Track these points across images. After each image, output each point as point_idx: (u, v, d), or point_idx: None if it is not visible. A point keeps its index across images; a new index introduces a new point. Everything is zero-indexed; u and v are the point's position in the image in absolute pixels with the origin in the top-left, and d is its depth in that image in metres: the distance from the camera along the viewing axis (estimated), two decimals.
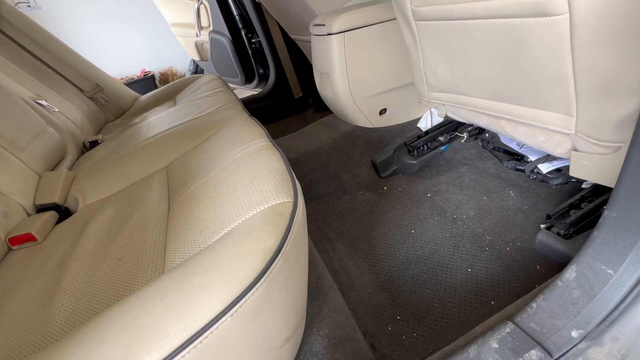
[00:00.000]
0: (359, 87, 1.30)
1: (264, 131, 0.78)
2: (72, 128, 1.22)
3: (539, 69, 0.67)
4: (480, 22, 0.72)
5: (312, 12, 1.43)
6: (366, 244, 1.01)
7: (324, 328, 0.66)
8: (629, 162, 0.49)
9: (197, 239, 0.50)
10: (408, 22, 0.93)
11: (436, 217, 1.02)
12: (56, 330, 0.44)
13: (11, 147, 0.86)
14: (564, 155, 0.76)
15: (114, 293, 0.48)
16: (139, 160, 0.91)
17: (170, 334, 0.35)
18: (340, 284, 0.90)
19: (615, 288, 0.51)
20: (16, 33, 1.32)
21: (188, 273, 0.42)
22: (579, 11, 0.54)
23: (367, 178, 1.28)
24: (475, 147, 1.22)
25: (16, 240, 0.69)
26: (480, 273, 0.83)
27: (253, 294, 0.40)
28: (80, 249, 0.60)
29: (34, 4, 3.03)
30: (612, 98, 0.59)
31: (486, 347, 0.55)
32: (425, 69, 1.00)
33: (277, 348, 0.49)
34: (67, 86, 1.40)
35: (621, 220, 0.52)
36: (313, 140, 1.42)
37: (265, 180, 0.56)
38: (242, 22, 2.10)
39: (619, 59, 0.54)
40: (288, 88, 2.19)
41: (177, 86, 1.73)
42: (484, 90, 0.85)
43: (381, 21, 1.23)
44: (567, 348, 0.52)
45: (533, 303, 0.58)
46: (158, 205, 0.66)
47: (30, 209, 0.81)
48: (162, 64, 3.66)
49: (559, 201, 0.92)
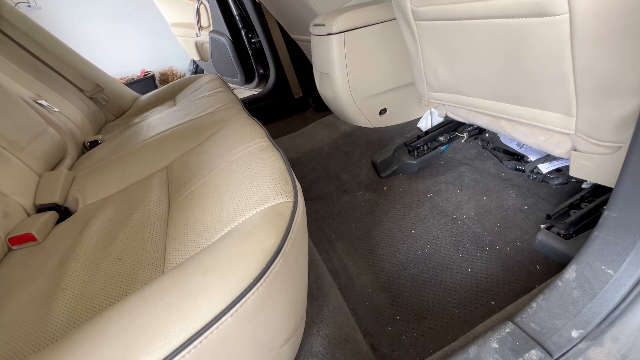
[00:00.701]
0: (359, 87, 1.30)
1: (264, 131, 0.78)
2: (72, 128, 1.22)
3: (539, 69, 0.67)
4: (480, 22, 0.72)
5: (313, 11, 1.43)
6: (366, 244, 1.01)
7: (324, 328, 0.66)
8: (629, 162, 0.49)
9: (197, 239, 0.50)
10: (408, 22, 0.93)
11: (436, 217, 1.02)
12: (56, 330, 0.44)
13: (11, 147, 0.86)
14: (564, 155, 0.76)
15: (114, 293, 0.48)
16: (139, 160, 0.91)
17: (170, 334, 0.35)
18: (340, 284, 0.90)
19: (615, 288, 0.51)
20: (16, 33, 1.32)
21: (188, 273, 0.42)
22: (579, 11, 0.54)
23: (367, 178, 1.28)
24: (475, 147, 1.22)
25: (16, 240, 0.69)
26: (480, 273, 0.83)
27: (253, 294, 0.40)
28: (80, 249, 0.60)
29: (34, 4, 3.03)
30: (612, 98, 0.59)
31: (486, 347, 0.55)
32: (425, 69, 1.00)
33: (277, 348, 0.49)
34: (67, 86, 1.40)
35: (621, 220, 0.52)
36: (313, 140, 1.42)
37: (265, 180, 0.56)
38: (242, 22, 2.10)
39: (619, 59, 0.54)
40: (288, 88, 2.19)
41: (177, 86, 1.73)
42: (484, 90, 0.85)
43: (381, 21, 1.23)
44: (567, 348, 0.52)
45: (533, 303, 0.58)
46: (158, 205, 0.66)
47: (30, 209, 0.81)
48: (162, 64, 3.66)
49: (559, 201, 0.92)
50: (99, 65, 1.70)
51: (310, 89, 2.19)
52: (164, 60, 3.65)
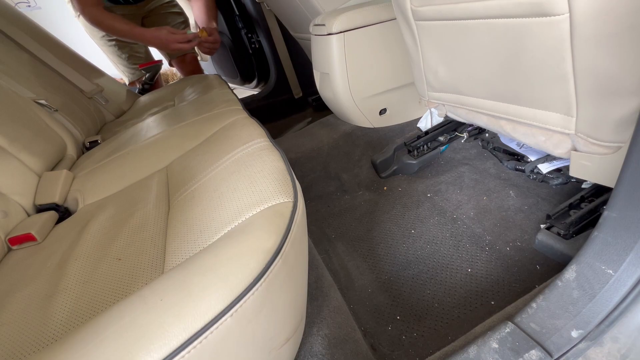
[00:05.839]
0: (359, 87, 1.30)
1: (264, 131, 0.78)
2: (72, 128, 1.22)
3: (538, 69, 0.67)
4: (480, 22, 0.72)
5: (316, 10, 1.43)
6: (366, 244, 1.01)
7: (324, 328, 0.66)
8: (629, 162, 0.49)
9: (197, 239, 0.50)
10: (408, 22, 0.93)
11: (436, 217, 1.02)
12: (56, 330, 0.44)
13: (11, 147, 0.86)
14: (564, 155, 0.76)
15: (114, 293, 0.48)
16: (139, 160, 0.91)
17: (170, 334, 0.35)
18: (340, 284, 0.90)
19: (615, 288, 0.51)
20: (16, 33, 1.32)
21: (188, 273, 0.42)
22: (579, 11, 0.54)
23: (367, 178, 1.28)
24: (475, 147, 1.22)
25: (16, 240, 0.69)
26: (480, 273, 0.83)
27: (253, 294, 0.40)
28: (80, 249, 0.60)
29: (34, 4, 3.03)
30: (612, 98, 0.59)
31: (486, 347, 0.55)
32: (425, 69, 1.00)
33: (277, 348, 0.49)
34: (67, 86, 1.40)
35: (621, 220, 0.52)
36: (313, 140, 1.42)
37: (265, 180, 0.56)
38: (242, 22, 2.10)
39: (619, 59, 0.54)
40: (288, 88, 2.19)
41: (177, 86, 1.73)
42: (484, 90, 0.85)
43: (381, 21, 1.23)
44: (567, 348, 0.52)
45: (533, 303, 0.58)
46: (158, 205, 0.66)
47: (30, 209, 0.81)
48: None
49: (559, 201, 0.92)
50: (99, 65, 1.70)
51: (310, 89, 2.19)
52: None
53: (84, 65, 1.57)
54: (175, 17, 1.92)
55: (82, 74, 1.49)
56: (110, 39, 1.78)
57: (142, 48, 1.96)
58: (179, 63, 2.06)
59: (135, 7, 1.76)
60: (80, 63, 1.56)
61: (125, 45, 1.84)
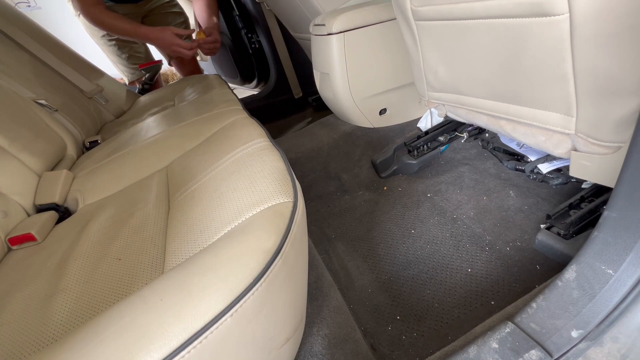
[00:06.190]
0: (359, 87, 1.30)
1: (264, 131, 0.78)
2: (72, 128, 1.22)
3: (538, 69, 0.67)
4: (480, 22, 0.72)
5: (316, 10, 1.43)
6: (366, 244, 1.01)
7: (324, 328, 0.66)
8: (629, 162, 0.49)
9: (197, 239, 0.50)
10: (408, 22, 0.93)
11: (436, 217, 1.02)
12: (56, 330, 0.44)
13: (11, 147, 0.86)
14: (564, 155, 0.76)
15: (114, 293, 0.48)
16: (139, 160, 0.91)
17: (170, 334, 0.35)
18: (340, 284, 0.90)
19: (615, 288, 0.51)
20: (16, 33, 1.32)
21: (188, 273, 0.42)
22: (579, 11, 0.54)
23: (367, 178, 1.28)
24: (475, 147, 1.22)
25: (16, 240, 0.69)
26: (480, 273, 0.83)
27: (253, 294, 0.40)
28: (80, 249, 0.60)
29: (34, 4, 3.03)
30: (612, 98, 0.59)
31: (486, 347, 0.55)
32: (425, 69, 1.00)
33: (277, 348, 0.49)
34: (66, 86, 1.40)
35: (621, 220, 0.52)
36: (313, 140, 1.42)
37: (265, 180, 0.56)
38: (242, 22, 2.10)
39: (619, 59, 0.54)
40: (288, 88, 2.19)
41: (177, 86, 1.73)
42: (484, 90, 0.85)
43: (381, 21, 1.23)
44: (567, 348, 0.52)
45: (533, 303, 0.58)
46: (158, 205, 0.66)
47: (30, 209, 0.81)
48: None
49: (559, 201, 0.92)
50: (99, 65, 1.70)
51: (310, 89, 2.19)
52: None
53: (84, 65, 1.57)
54: (176, 17, 1.92)
55: (82, 74, 1.49)
56: (110, 39, 1.78)
57: (142, 48, 1.96)
58: (179, 63, 2.07)
59: (136, 6, 1.76)
60: (80, 63, 1.56)
61: (125, 45, 1.84)
